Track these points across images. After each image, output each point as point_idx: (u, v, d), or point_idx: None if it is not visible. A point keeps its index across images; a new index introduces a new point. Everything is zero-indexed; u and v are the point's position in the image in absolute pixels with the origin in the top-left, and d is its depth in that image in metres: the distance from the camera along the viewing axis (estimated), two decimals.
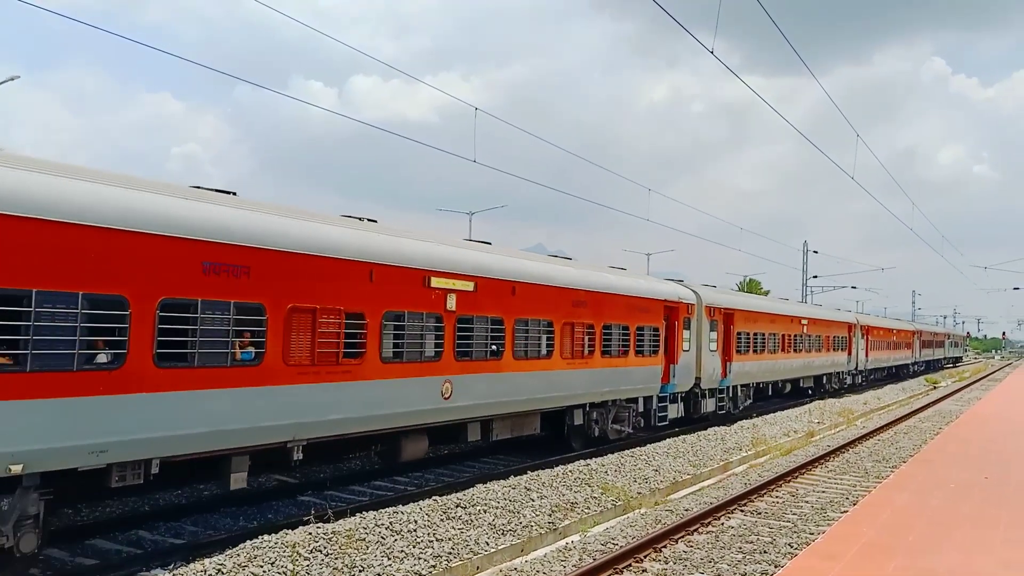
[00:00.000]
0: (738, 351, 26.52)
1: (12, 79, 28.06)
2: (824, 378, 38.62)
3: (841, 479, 16.17)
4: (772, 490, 14.78)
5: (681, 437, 20.78)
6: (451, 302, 13.59)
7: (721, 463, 18.28)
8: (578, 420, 17.93)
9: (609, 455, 17.33)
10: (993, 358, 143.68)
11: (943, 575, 8.75)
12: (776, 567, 9.60)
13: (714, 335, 24.73)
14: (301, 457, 11.20)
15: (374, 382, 12.05)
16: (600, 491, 14.09)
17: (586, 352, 17.54)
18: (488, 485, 13.57)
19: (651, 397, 21.02)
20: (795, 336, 32.97)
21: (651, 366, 20.70)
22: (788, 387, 34.28)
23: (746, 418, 25.74)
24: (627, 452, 17.85)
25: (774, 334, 30.28)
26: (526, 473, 14.78)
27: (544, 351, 16.26)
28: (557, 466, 15.66)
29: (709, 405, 24.76)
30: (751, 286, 79.34)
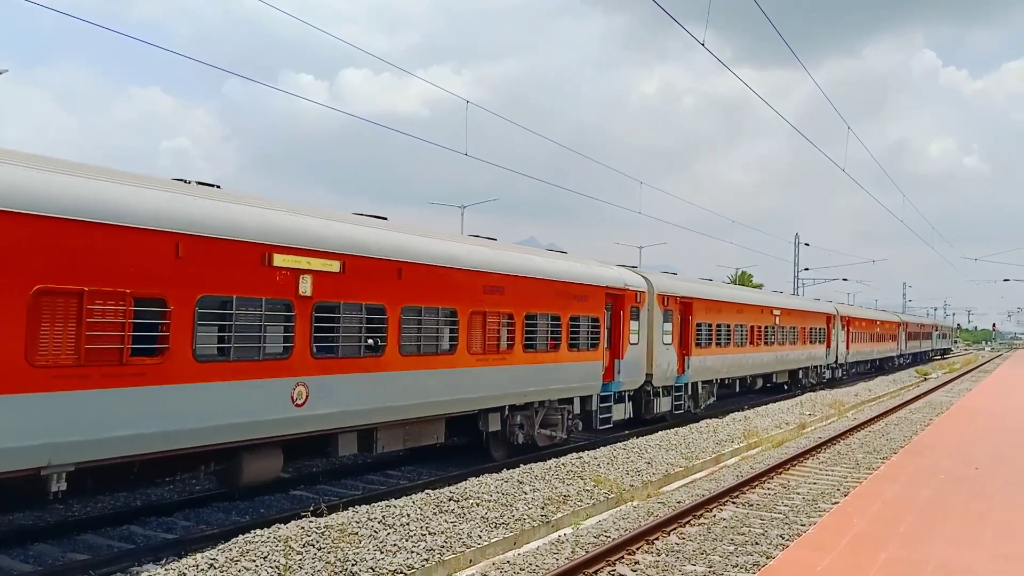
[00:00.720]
0: (698, 344, 24.44)
1: (0, 72, 27.85)
2: (800, 372, 36.43)
3: (832, 471, 16.24)
4: (764, 482, 14.83)
5: (674, 430, 20.84)
6: (305, 286, 11.09)
7: (713, 455, 18.34)
8: (494, 425, 15.65)
9: (602, 448, 17.36)
10: (983, 349, 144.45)
11: (933, 566, 8.80)
12: (768, 559, 9.64)
13: (669, 327, 22.52)
14: (64, 487, 8.56)
15: (184, 387, 9.52)
16: (592, 484, 14.12)
17: (503, 346, 15.28)
18: (481, 478, 13.58)
19: (590, 397, 18.65)
20: (766, 328, 30.72)
21: (589, 362, 18.25)
22: (759, 383, 32.20)
23: (711, 417, 23.93)
24: (619, 445, 17.89)
25: (741, 325, 28.06)
26: (519, 466, 14.79)
27: (446, 346, 13.88)
28: (549, 459, 15.68)
29: (663, 404, 22.52)
30: (743, 278, 79.52)
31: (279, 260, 10.74)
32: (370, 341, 12.21)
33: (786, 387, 35.18)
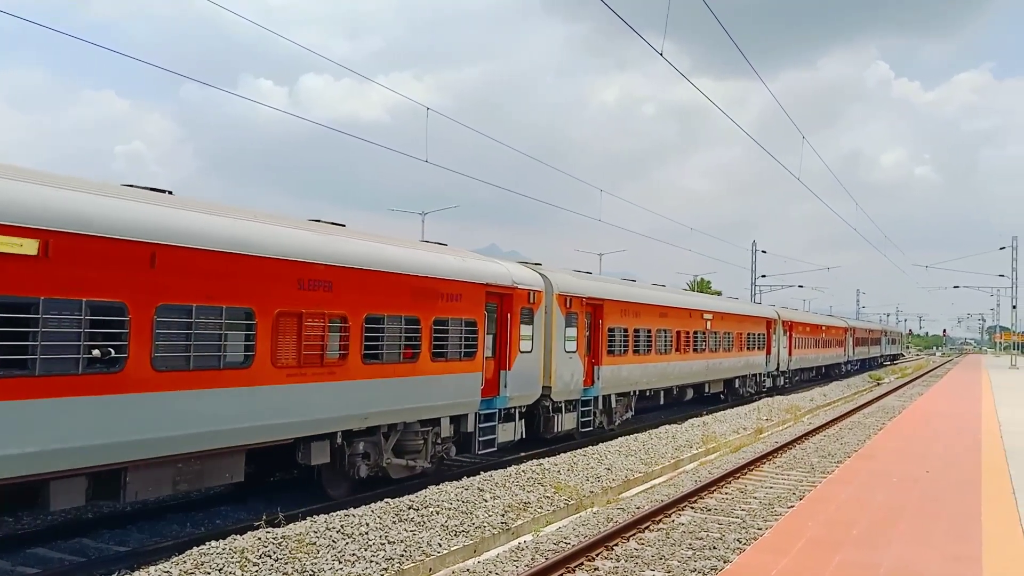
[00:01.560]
0: (611, 352, 21.55)
1: None
2: (737, 382, 33.87)
3: (788, 475, 16.47)
4: (722, 487, 14.99)
5: (633, 436, 20.97)
6: None
7: (672, 461, 18.50)
8: (321, 457, 12.36)
9: (562, 454, 17.40)
10: (934, 355, 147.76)
11: (886, 569, 8.96)
12: (725, 563, 9.74)
13: (573, 332, 19.49)
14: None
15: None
16: (553, 490, 14.15)
17: (332, 357, 12.16)
18: (441, 486, 13.53)
19: (466, 416, 15.58)
20: (695, 333, 28.04)
21: (463, 374, 15.15)
22: (690, 393, 29.19)
23: (628, 434, 21.12)
24: (579, 451, 17.95)
25: (665, 331, 25.40)
26: (479, 474, 14.77)
27: (239, 358, 10.73)
28: (510, 466, 15.68)
29: (567, 421, 19.47)
30: (701, 286, 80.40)
31: None
32: (97, 352, 8.90)
33: (722, 397, 32.77)
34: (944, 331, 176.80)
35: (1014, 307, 66.32)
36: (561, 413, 19.17)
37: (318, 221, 13.56)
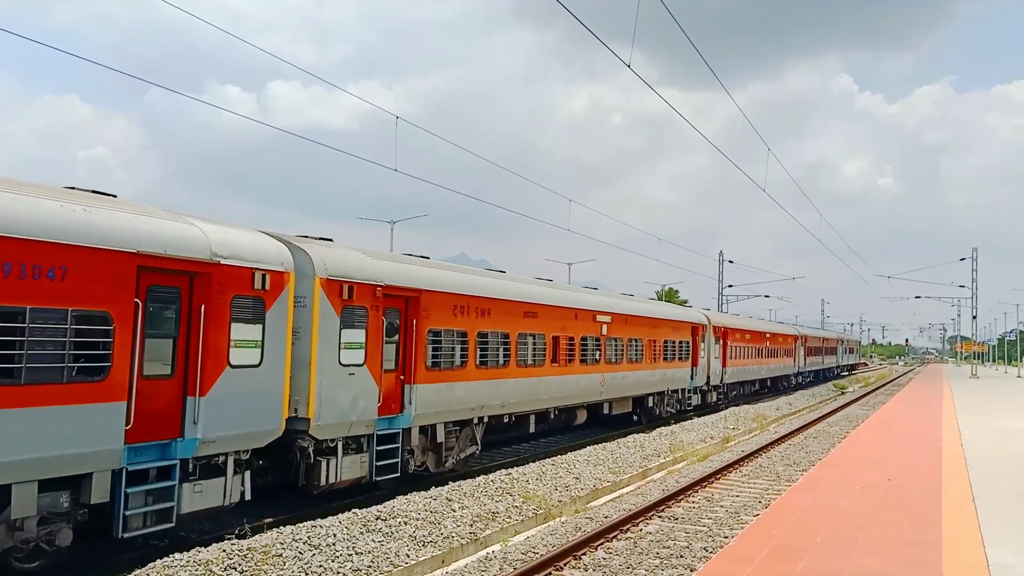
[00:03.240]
0: (436, 365, 15.45)
1: None
2: (651, 399, 27.79)
3: (754, 483, 16.64)
4: (689, 495, 15.10)
5: (601, 444, 21.04)
6: None
7: (640, 470, 18.60)
8: None
9: (531, 463, 17.41)
10: (897, 364, 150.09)
11: (849, 574, 9.09)
12: (691, 571, 9.83)
13: (360, 336, 13.57)
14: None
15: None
16: (521, 500, 14.15)
17: None
18: (409, 496, 13.47)
19: (88, 482, 9.22)
20: (586, 340, 22.18)
21: (72, 406, 8.86)
22: (582, 416, 22.93)
23: (468, 476, 15.84)
24: (548, 460, 17.97)
25: (533, 336, 19.23)
26: (447, 483, 14.73)
27: None
28: (478, 476, 15.65)
29: (346, 468, 13.37)
30: (669, 295, 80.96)
31: None
32: None
33: (635, 418, 27.20)
34: (907, 341, 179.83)
35: (974, 317, 67.61)
36: (337, 456, 13.18)
37: None
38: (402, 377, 14.85)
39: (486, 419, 17.55)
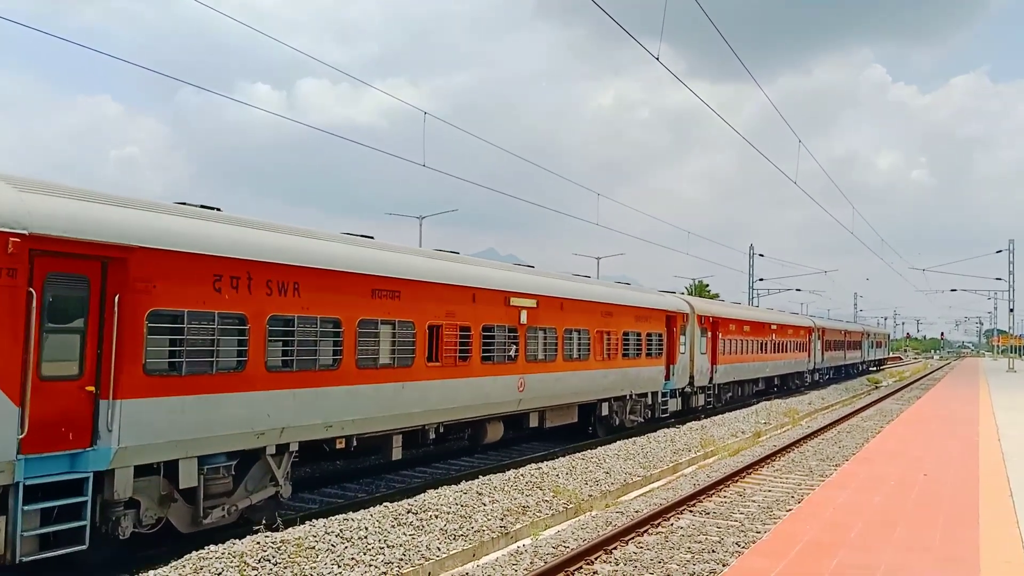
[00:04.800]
0: (173, 369, 10.14)
1: None
2: (604, 406, 21.84)
3: (787, 478, 16.50)
4: (720, 490, 15.01)
5: (632, 439, 20.97)
6: None
7: (671, 465, 18.52)
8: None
9: (561, 458, 17.40)
10: (932, 358, 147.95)
11: (883, 572, 8.98)
12: (723, 566, 9.76)
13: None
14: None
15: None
16: (551, 494, 14.16)
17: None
18: (440, 490, 13.54)
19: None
20: (492, 330, 16.72)
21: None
22: (496, 432, 17.51)
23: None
24: (578, 455, 17.96)
25: (389, 324, 13.86)
26: (477, 478, 14.78)
27: None
28: (509, 470, 15.68)
29: None
30: (700, 289, 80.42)
31: None
32: None
33: (590, 429, 22.12)
34: (942, 334, 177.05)
35: (1011, 310, 66.33)
36: None
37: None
38: (93, 388, 9.38)
39: (294, 447, 12.07)
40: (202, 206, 11.49)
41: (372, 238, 15.02)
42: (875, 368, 75.52)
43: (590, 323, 20.82)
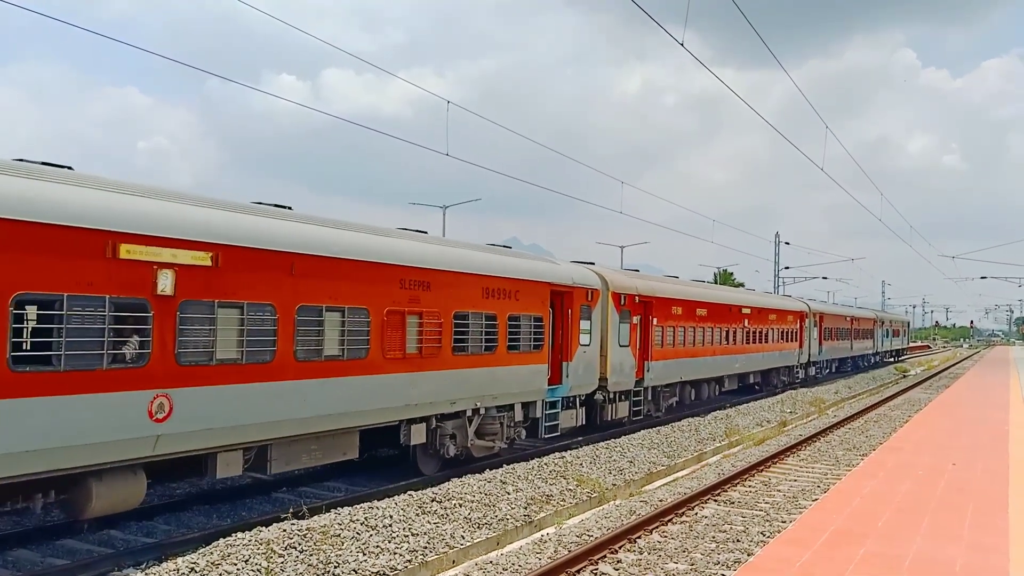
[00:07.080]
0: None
1: None
2: (421, 429, 13.94)
3: (813, 467, 16.37)
4: (745, 479, 14.93)
5: (656, 428, 20.89)
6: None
7: (695, 454, 18.45)
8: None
9: (585, 447, 17.39)
10: (961, 346, 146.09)
11: (911, 561, 8.89)
12: (748, 555, 9.71)
13: None
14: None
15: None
16: (575, 483, 14.16)
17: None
18: (464, 479, 13.58)
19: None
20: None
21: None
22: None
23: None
24: (602, 444, 17.94)
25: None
26: (501, 467, 14.80)
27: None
28: (532, 459, 15.70)
29: None
30: (724, 277, 79.88)
31: None
32: None
33: (414, 458, 14.77)
34: (971, 323, 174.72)
35: None
36: None
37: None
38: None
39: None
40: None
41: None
42: (893, 359, 67.24)
43: (373, 298, 12.71)
